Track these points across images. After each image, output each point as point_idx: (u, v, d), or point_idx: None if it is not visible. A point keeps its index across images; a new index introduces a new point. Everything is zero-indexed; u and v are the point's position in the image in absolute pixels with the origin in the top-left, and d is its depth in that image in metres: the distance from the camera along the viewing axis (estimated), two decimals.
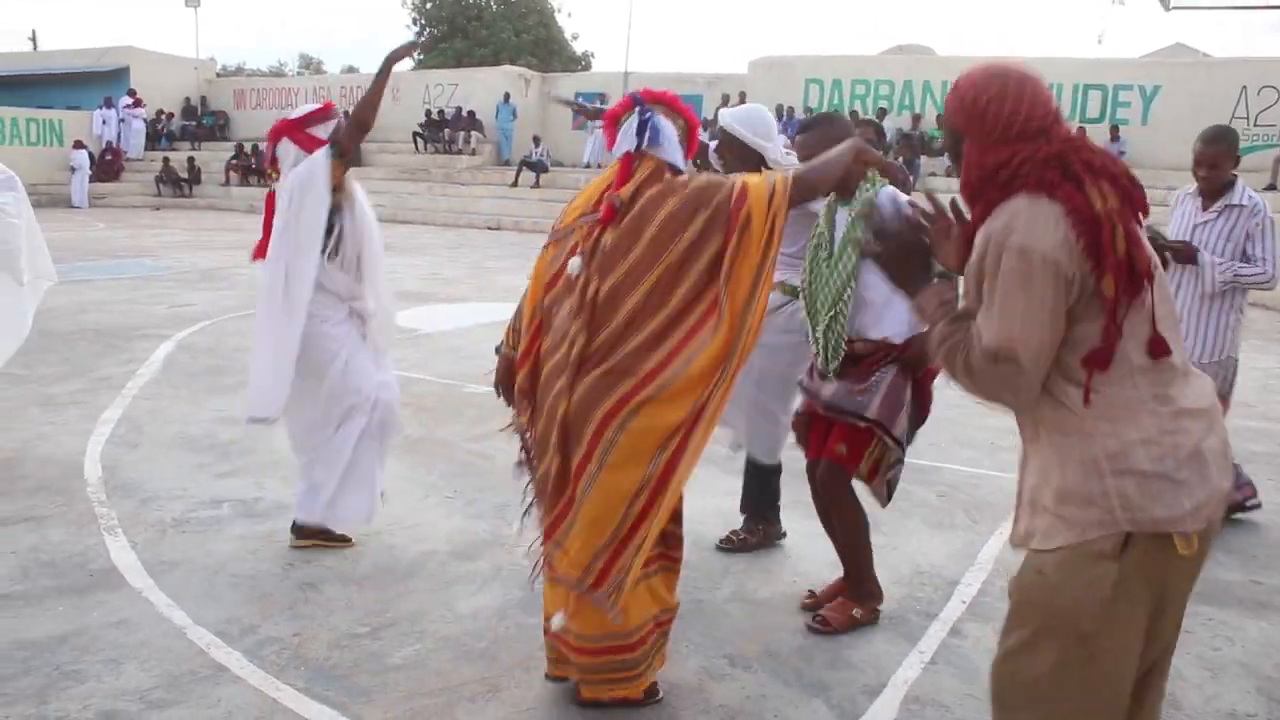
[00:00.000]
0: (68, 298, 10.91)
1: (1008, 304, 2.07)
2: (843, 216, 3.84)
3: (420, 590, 4.21)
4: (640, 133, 3.21)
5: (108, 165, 28.96)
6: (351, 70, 49.02)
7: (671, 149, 3.23)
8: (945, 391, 6.67)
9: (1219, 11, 23.21)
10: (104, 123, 29.59)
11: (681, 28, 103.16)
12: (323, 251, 4.31)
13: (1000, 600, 4.24)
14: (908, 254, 2.37)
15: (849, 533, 4.00)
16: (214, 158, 29.75)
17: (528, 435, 3.30)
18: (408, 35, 44.18)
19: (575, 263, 3.12)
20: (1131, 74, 21.69)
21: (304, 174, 4.25)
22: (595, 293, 3.05)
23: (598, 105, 4.87)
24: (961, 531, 5.07)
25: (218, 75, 36.99)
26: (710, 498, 5.09)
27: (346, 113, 4.48)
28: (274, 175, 4.49)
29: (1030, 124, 2.14)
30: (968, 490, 5.68)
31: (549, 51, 45.16)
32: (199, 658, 3.58)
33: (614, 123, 3.37)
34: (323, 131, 4.37)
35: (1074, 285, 2.06)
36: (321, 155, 4.26)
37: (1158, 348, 2.10)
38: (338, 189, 4.32)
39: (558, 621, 3.19)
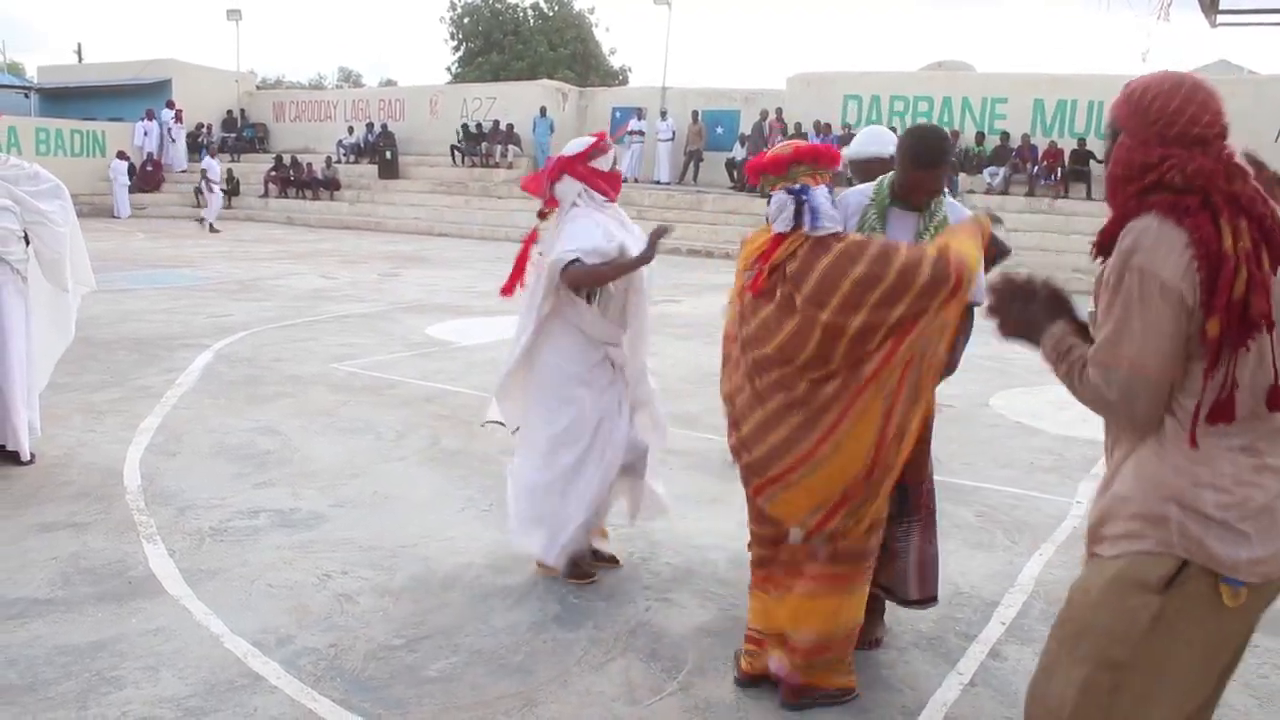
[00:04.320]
0: (108, 307, 11.05)
1: (1124, 323, 2.04)
2: (906, 222, 3.62)
3: (456, 603, 4.20)
4: (798, 216, 3.26)
5: (149, 176, 29.29)
6: (390, 83, 49.53)
7: (829, 220, 3.27)
8: (982, 413, 6.57)
9: (1266, 29, 22.94)
10: (145, 134, 29.92)
11: (719, 43, 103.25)
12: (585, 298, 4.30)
13: (1040, 622, 4.20)
14: (1025, 315, 2.32)
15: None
16: (253, 170, 30.02)
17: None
18: (447, 49, 44.52)
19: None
20: None
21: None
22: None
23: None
24: (1001, 552, 5.01)
25: (257, 88, 37.36)
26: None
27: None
28: (546, 213, 4.48)
29: (1190, 129, 2.07)
30: (1007, 511, 5.61)
31: (586, 66, 45.37)
32: (235, 666, 3.59)
33: (756, 172, 3.42)
34: (604, 163, 4.35)
35: (1194, 316, 2.01)
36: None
37: (1276, 399, 2.04)
38: None
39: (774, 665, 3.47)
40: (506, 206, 25.77)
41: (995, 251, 3.68)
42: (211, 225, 23.61)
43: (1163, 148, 2.07)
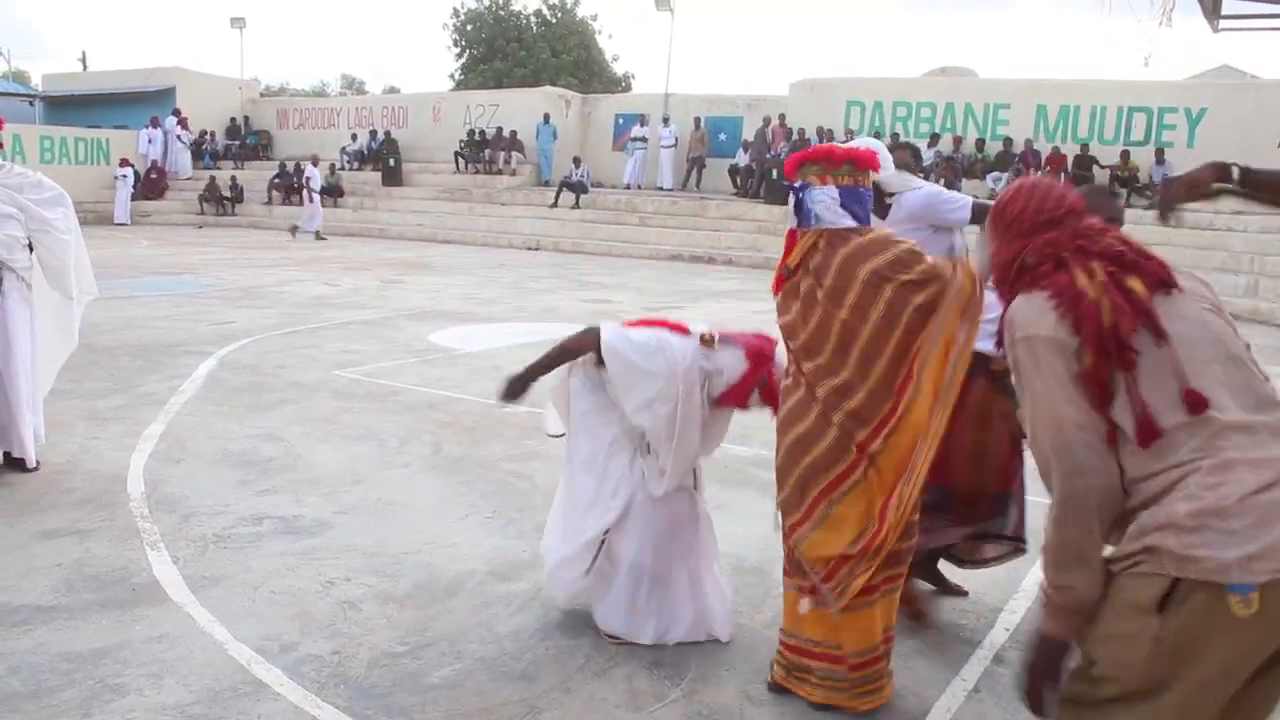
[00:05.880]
0: (112, 313, 11.06)
1: (1033, 393, 2.16)
2: None
3: (459, 610, 4.20)
4: (797, 212, 3.38)
5: (153, 183, 29.32)
6: (393, 90, 49.57)
7: (833, 216, 3.32)
8: None
9: (1268, 33, 22.90)
10: (150, 142, 29.97)
11: (722, 50, 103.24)
12: None
13: None
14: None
15: None
16: (257, 177, 30.02)
17: None
18: (450, 56, 44.39)
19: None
20: (1177, 96, 21.47)
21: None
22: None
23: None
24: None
25: (261, 95, 37.38)
26: (752, 521, 5.08)
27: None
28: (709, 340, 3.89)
29: (1040, 216, 2.32)
30: None
31: (589, 72, 45.38)
32: (239, 674, 3.59)
33: (793, 168, 3.49)
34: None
35: (1082, 357, 2.12)
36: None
37: (1193, 400, 2.06)
38: None
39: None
40: (510, 213, 25.82)
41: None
42: (318, 233, 23.86)
43: (1020, 240, 2.33)
